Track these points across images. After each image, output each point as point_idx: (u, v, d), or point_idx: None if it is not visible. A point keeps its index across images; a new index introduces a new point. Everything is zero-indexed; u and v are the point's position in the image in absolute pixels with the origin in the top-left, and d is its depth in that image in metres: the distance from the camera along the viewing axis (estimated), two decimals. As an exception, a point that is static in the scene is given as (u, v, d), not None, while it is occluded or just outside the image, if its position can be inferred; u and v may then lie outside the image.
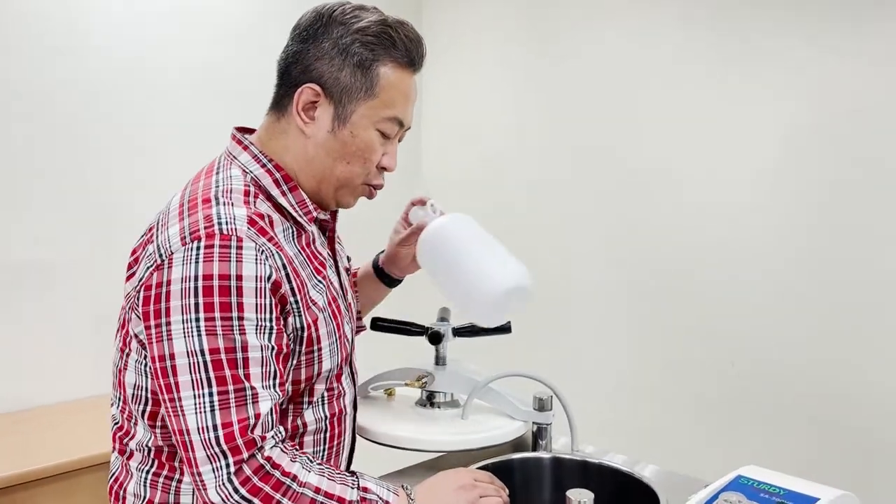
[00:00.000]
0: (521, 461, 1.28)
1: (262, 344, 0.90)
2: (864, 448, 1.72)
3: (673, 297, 2.08)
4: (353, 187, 1.05)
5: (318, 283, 1.01)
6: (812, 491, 0.97)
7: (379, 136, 1.02)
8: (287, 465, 0.90)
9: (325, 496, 0.91)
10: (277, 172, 1.01)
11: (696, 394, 2.02)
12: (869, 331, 1.73)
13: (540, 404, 1.32)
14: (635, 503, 1.18)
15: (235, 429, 0.87)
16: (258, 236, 0.92)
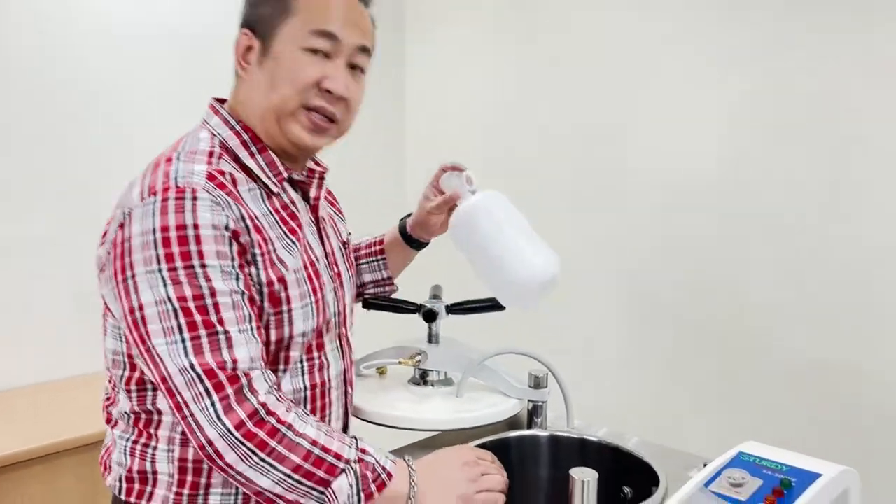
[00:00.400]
0: (518, 439, 1.27)
1: (230, 289, 0.90)
2: (860, 423, 1.73)
3: (666, 272, 2.08)
4: (291, 113, 0.99)
5: (290, 244, 1.00)
6: (814, 467, 0.96)
7: (309, 54, 0.98)
8: (283, 413, 0.89)
9: (322, 450, 0.89)
10: (245, 134, 1.01)
11: (690, 369, 2.02)
12: (862, 305, 1.73)
13: (535, 382, 1.30)
14: (634, 481, 1.17)
15: (213, 366, 0.87)
16: (215, 189, 0.92)
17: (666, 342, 2.07)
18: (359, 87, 1.05)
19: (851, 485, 0.99)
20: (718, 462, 1.00)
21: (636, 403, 2.09)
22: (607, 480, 1.21)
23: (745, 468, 0.97)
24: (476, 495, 0.97)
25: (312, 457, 0.89)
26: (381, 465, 0.93)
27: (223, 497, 0.98)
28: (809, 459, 0.99)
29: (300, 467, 0.88)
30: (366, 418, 1.25)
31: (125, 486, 1.01)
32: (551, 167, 2.33)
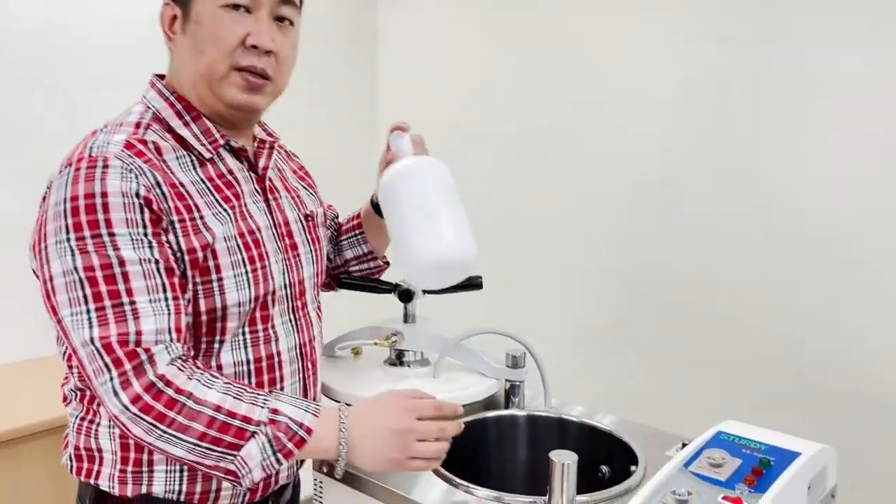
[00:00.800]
0: (496, 419, 1.26)
1: (141, 258, 0.89)
2: (833, 399, 1.75)
3: (641, 255, 2.07)
4: (222, 76, 0.98)
5: (223, 212, 0.98)
6: (793, 445, 0.96)
7: (229, 12, 0.97)
8: (182, 382, 0.87)
9: (228, 415, 0.87)
10: (179, 103, 1.01)
11: (667, 347, 2.02)
12: (829, 285, 1.74)
13: (513, 361, 1.29)
14: (613, 460, 1.17)
15: (113, 341, 0.86)
16: (130, 157, 0.92)
17: (642, 323, 2.07)
18: (287, 40, 1.03)
19: (829, 462, 1.00)
20: (698, 442, 1.00)
21: (611, 382, 2.10)
22: (585, 460, 1.21)
23: (725, 448, 0.97)
24: (408, 461, 0.93)
25: (217, 423, 0.86)
26: (298, 421, 0.89)
27: (168, 474, 0.98)
28: (788, 438, 0.99)
29: (205, 435, 0.86)
30: (341, 400, 1.22)
31: (75, 465, 1.02)
32: (526, 145, 2.30)
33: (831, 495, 1.01)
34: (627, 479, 1.06)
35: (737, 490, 0.88)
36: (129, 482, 0.98)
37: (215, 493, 1.01)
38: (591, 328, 2.17)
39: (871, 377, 1.68)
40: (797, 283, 1.79)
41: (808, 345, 1.77)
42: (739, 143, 1.87)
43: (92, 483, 1.00)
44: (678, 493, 0.88)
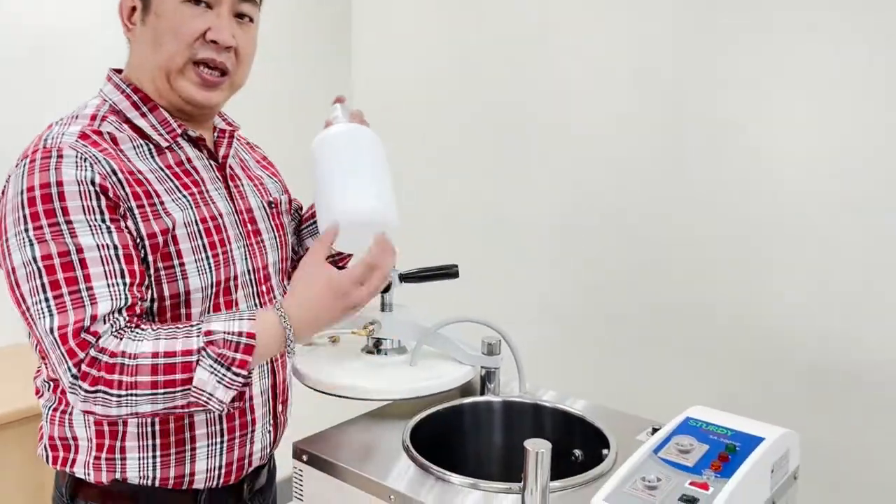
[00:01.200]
0: (472, 405, 1.29)
1: (99, 243, 0.90)
2: (796, 378, 1.80)
3: (609, 239, 2.09)
4: (180, 70, 0.99)
5: (182, 198, 1.00)
6: (757, 430, 1.00)
7: (190, 6, 0.98)
8: (114, 345, 0.88)
9: (166, 355, 0.88)
10: (135, 95, 1.02)
11: (636, 333, 2.06)
12: (796, 262, 1.78)
13: (489, 349, 1.31)
14: (586, 444, 1.20)
15: (69, 331, 0.88)
16: (84, 146, 0.93)
17: (611, 308, 2.10)
18: (247, 37, 1.04)
19: (792, 445, 1.04)
20: (667, 428, 1.03)
21: (585, 366, 2.13)
22: (558, 444, 1.25)
23: (693, 434, 1.01)
24: (352, 311, 0.97)
25: (160, 367, 0.88)
26: (236, 331, 0.90)
27: (140, 461, 1.00)
28: (754, 423, 1.03)
29: (156, 382, 0.88)
30: (319, 388, 1.24)
31: (51, 455, 1.04)
32: (501, 135, 2.30)
33: (793, 477, 1.05)
34: (599, 462, 1.09)
35: (704, 476, 0.92)
36: (103, 469, 1.00)
37: (189, 477, 1.03)
38: (563, 314, 2.20)
39: (839, 358, 1.74)
40: (760, 267, 1.83)
41: (772, 326, 1.81)
42: (701, 123, 1.89)
43: (67, 471, 1.03)
44: (648, 479, 0.91)
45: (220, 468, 1.05)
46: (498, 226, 2.32)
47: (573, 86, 2.13)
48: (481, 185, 2.36)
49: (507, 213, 2.31)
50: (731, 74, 1.83)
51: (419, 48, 2.49)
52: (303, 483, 1.14)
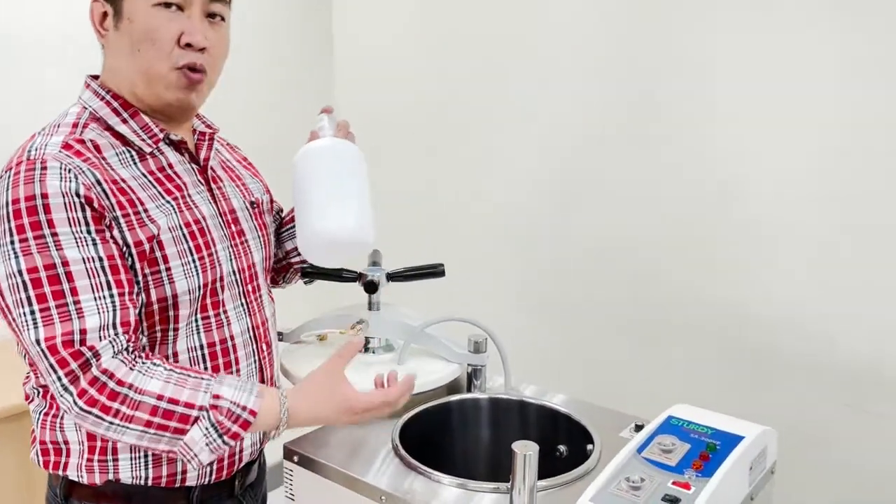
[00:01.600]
0: (460, 402, 1.31)
1: (85, 256, 0.91)
2: (766, 366, 1.84)
3: (579, 230, 2.11)
4: (160, 75, 1.00)
5: (166, 203, 1.01)
6: (737, 429, 1.04)
7: (161, 10, 0.98)
8: (123, 374, 0.90)
9: (170, 402, 0.90)
10: (115, 101, 1.02)
11: (625, 327, 2.08)
12: (777, 256, 1.81)
13: (475, 347, 1.33)
14: (571, 439, 1.23)
15: (58, 342, 0.89)
16: (68, 157, 0.93)
17: (590, 304, 2.11)
18: (220, 36, 1.04)
19: (769, 442, 1.08)
20: (650, 427, 1.06)
21: (568, 360, 2.15)
22: (544, 440, 1.28)
23: (675, 433, 1.04)
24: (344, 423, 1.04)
25: (160, 410, 0.90)
26: (242, 404, 0.93)
27: (132, 461, 1.02)
28: (733, 421, 1.06)
29: (151, 422, 0.90)
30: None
31: (42, 459, 1.05)
32: (481, 110, 2.30)
33: (771, 472, 1.09)
34: (584, 457, 1.12)
35: (685, 475, 0.95)
36: (95, 471, 1.02)
37: (181, 475, 1.04)
38: (544, 307, 2.22)
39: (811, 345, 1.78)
40: (743, 259, 1.86)
41: (753, 317, 1.85)
42: (662, 107, 1.91)
43: (60, 474, 1.04)
44: (632, 479, 0.94)
45: (212, 465, 1.07)
46: (478, 220, 2.33)
47: (549, 79, 2.13)
48: (459, 180, 2.36)
49: (486, 208, 2.32)
50: (712, 64, 1.84)
51: (400, 24, 2.47)
52: (293, 484, 1.16)
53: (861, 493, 1.70)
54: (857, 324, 1.68)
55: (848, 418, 1.70)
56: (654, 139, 1.95)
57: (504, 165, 2.27)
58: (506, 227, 2.29)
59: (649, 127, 1.95)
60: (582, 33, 2.05)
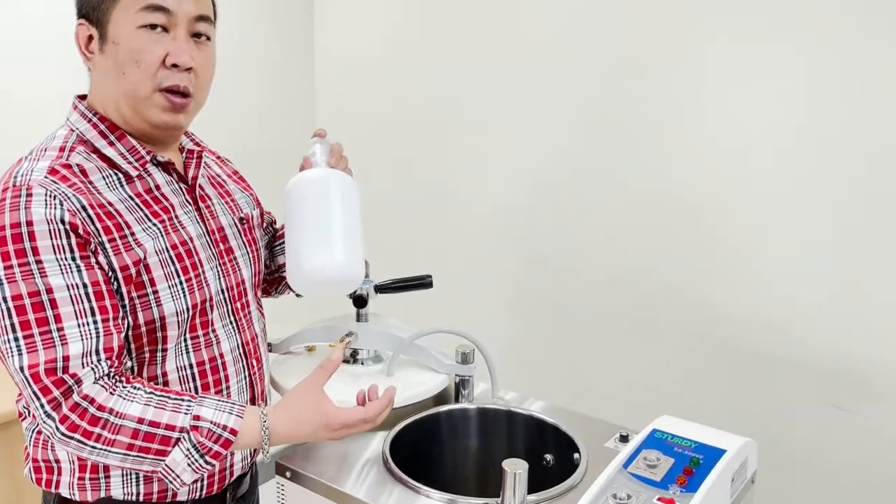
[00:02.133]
0: (448, 413, 1.33)
1: (69, 283, 0.92)
2: (742, 363, 1.88)
3: (558, 239, 2.12)
4: (145, 97, 1.00)
5: (153, 226, 1.01)
6: (719, 442, 1.07)
7: (147, 32, 0.98)
8: (104, 399, 0.91)
9: (150, 425, 0.92)
10: (102, 124, 1.03)
11: (607, 334, 2.10)
12: (757, 256, 1.84)
13: (463, 357, 1.35)
14: (557, 448, 1.26)
15: (41, 370, 0.90)
16: (54, 183, 0.93)
17: (565, 311, 2.14)
18: (206, 56, 1.05)
19: (750, 453, 1.11)
20: (635, 441, 1.09)
21: (554, 369, 2.18)
22: (531, 449, 1.31)
23: (659, 447, 1.07)
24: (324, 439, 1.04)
25: (141, 433, 0.92)
26: (223, 424, 0.95)
27: (124, 478, 1.03)
28: (715, 433, 1.09)
29: (132, 445, 0.92)
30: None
31: (35, 476, 1.07)
32: (463, 115, 2.30)
33: (751, 481, 1.13)
34: (570, 466, 1.15)
35: (670, 491, 0.98)
36: (87, 488, 1.03)
37: (172, 490, 1.05)
38: (527, 314, 2.24)
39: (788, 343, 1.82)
40: (722, 263, 1.88)
41: (727, 314, 1.88)
42: (642, 108, 1.92)
43: (53, 491, 1.05)
44: (619, 496, 0.97)
45: (202, 480, 1.08)
46: (464, 226, 2.33)
47: (536, 84, 2.14)
48: (443, 186, 2.36)
49: (472, 214, 2.32)
50: (702, 67, 1.85)
51: (381, 26, 2.46)
52: (285, 499, 1.18)
53: (838, 492, 1.75)
54: (838, 323, 1.72)
55: (829, 418, 1.74)
56: (646, 142, 1.96)
57: (490, 172, 2.27)
58: (493, 233, 2.29)
59: (644, 129, 1.96)
60: (576, 34, 2.05)
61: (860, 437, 1.70)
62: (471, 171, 2.31)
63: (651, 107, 1.92)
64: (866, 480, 1.70)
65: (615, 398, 1.86)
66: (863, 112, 1.63)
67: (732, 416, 1.82)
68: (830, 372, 1.73)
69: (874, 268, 1.66)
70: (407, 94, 2.42)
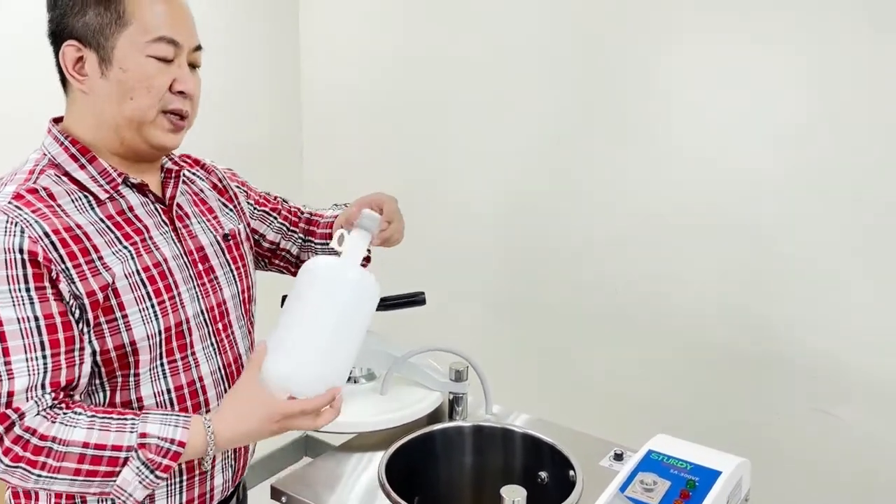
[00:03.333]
0: (443, 431, 1.33)
1: (20, 316, 0.91)
2: (728, 361, 1.90)
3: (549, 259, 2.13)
4: (151, 121, 1.02)
5: (123, 249, 1.01)
6: (714, 463, 1.08)
7: (155, 62, 1.01)
8: (45, 428, 0.91)
9: (96, 448, 0.92)
10: (73, 147, 1.03)
11: (593, 343, 2.12)
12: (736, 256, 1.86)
13: (457, 375, 1.35)
14: (551, 465, 1.27)
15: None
16: (17, 209, 0.93)
17: (553, 318, 2.14)
18: (198, 81, 1.09)
19: (744, 473, 1.12)
20: (631, 463, 1.09)
21: (544, 384, 2.19)
22: (526, 466, 1.31)
23: (656, 470, 1.07)
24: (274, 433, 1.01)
25: (87, 458, 0.91)
26: (169, 438, 0.94)
27: (100, 502, 1.02)
28: (710, 454, 1.10)
29: (79, 470, 0.92)
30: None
31: (13, 501, 1.05)
32: (450, 115, 2.30)
33: (745, 500, 1.14)
34: (564, 482, 1.16)
35: (668, 515, 0.99)
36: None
37: None
38: (516, 325, 2.25)
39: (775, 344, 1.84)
40: (701, 257, 1.90)
41: (711, 317, 1.90)
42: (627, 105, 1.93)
43: None
44: (617, 522, 0.98)
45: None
46: (452, 235, 2.32)
47: (512, 84, 2.13)
48: (430, 191, 2.34)
49: (459, 221, 2.31)
50: (676, 68, 1.86)
51: (367, 20, 2.44)
52: (280, 521, 1.18)
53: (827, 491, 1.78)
54: (821, 326, 1.74)
55: (815, 421, 1.77)
56: (633, 145, 1.97)
57: (470, 179, 2.26)
58: (476, 242, 2.28)
59: (628, 132, 1.96)
60: (559, 38, 2.05)
61: (846, 439, 1.73)
62: (452, 178, 2.30)
63: (634, 110, 1.92)
64: (851, 481, 1.73)
65: (605, 406, 1.87)
66: (866, 116, 1.63)
67: (724, 425, 1.84)
68: (817, 375, 1.76)
69: (865, 271, 1.68)
70: (388, 103, 2.41)
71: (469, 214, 2.29)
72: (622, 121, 1.94)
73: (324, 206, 1.43)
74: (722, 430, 1.84)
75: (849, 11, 1.61)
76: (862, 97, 1.62)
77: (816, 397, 1.76)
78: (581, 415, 1.58)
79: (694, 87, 1.82)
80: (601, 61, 1.96)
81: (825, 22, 1.64)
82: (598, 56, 1.97)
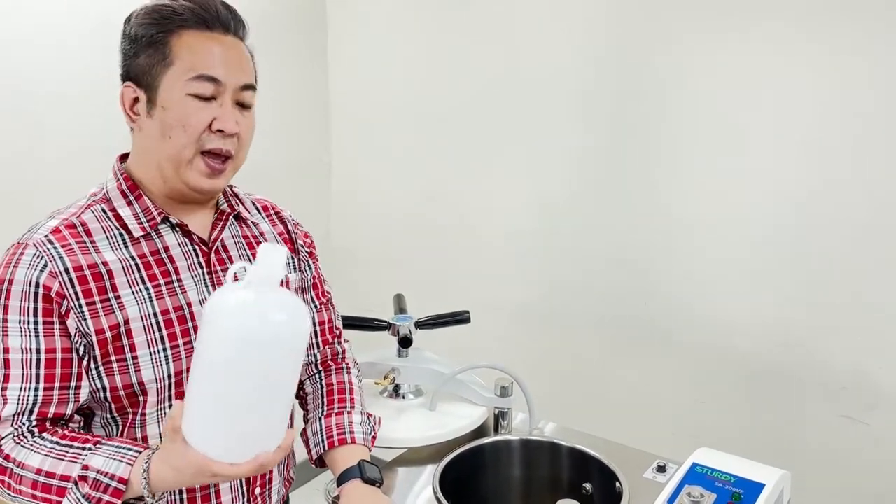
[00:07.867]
0: (492, 445, 1.38)
1: (23, 347, 0.95)
2: (752, 374, 1.94)
3: (581, 269, 2.17)
4: (188, 160, 1.02)
5: (143, 290, 1.02)
6: (758, 476, 1.12)
7: (195, 100, 1.01)
8: (9, 449, 0.94)
9: (47, 476, 0.93)
10: (125, 183, 1.06)
11: (611, 366, 2.16)
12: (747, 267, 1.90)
13: (502, 391, 1.40)
14: (597, 477, 1.31)
15: None
16: (49, 244, 0.97)
17: (586, 337, 2.20)
18: (248, 121, 1.08)
19: (786, 485, 1.17)
20: (678, 476, 1.14)
21: (587, 397, 2.21)
22: (571, 478, 1.36)
23: (701, 483, 1.12)
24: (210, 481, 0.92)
25: (39, 484, 0.93)
26: (110, 473, 0.90)
27: None
28: (753, 467, 1.15)
29: (35, 495, 0.94)
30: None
31: None
32: (478, 130, 2.34)
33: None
34: (609, 494, 1.20)
35: (716, 528, 1.03)
36: None
37: None
38: (539, 350, 2.29)
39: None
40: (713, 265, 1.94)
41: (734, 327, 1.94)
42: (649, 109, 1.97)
43: None
44: (668, 535, 1.02)
45: None
46: (486, 249, 2.37)
47: (537, 105, 2.17)
48: (458, 206, 2.40)
49: (493, 235, 2.35)
50: (699, 83, 1.90)
51: (394, 42, 2.49)
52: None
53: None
54: (848, 336, 1.78)
55: (844, 429, 1.80)
56: (654, 159, 2.01)
57: (507, 190, 2.30)
58: (509, 259, 2.33)
59: (652, 146, 2.01)
60: (582, 58, 2.09)
61: (879, 448, 1.76)
62: (482, 191, 2.35)
63: (667, 122, 1.96)
64: (886, 490, 1.76)
65: (640, 417, 1.90)
66: (871, 121, 1.67)
67: (757, 436, 1.88)
68: (843, 384, 1.79)
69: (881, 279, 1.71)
70: (416, 117, 2.47)
71: (500, 227, 2.34)
72: (655, 133, 1.98)
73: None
74: (755, 441, 1.88)
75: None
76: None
77: (849, 407, 1.80)
78: (616, 426, 1.62)
79: (728, 100, 1.85)
80: (635, 73, 1.99)
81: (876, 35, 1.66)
82: (632, 68, 2.00)
